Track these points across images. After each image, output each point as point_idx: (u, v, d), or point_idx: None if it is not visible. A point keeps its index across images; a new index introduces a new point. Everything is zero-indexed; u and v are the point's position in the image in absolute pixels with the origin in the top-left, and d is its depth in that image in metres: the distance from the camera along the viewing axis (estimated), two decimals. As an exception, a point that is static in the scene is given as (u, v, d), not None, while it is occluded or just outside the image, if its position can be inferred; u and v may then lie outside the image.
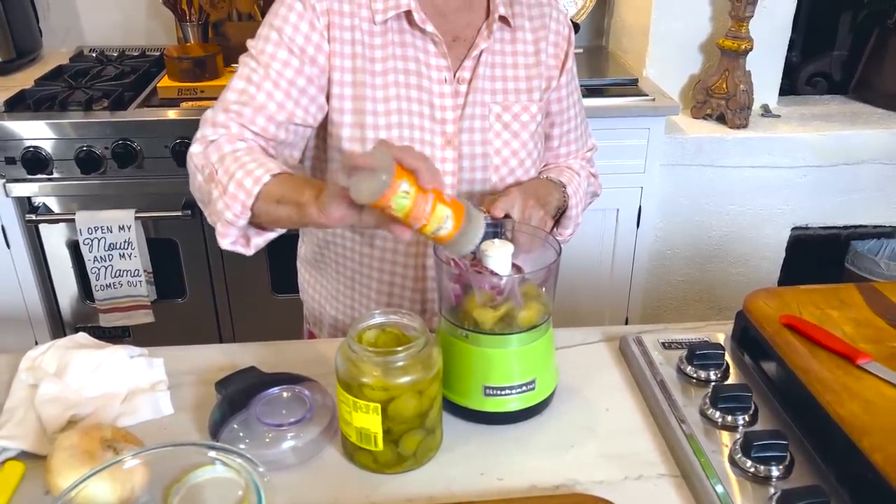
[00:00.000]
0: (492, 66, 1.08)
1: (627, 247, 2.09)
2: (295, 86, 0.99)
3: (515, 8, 1.09)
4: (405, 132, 1.03)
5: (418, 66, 1.04)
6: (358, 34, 1.02)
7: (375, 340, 0.81)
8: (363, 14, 1.02)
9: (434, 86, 1.04)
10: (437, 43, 1.03)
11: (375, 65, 1.02)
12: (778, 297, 0.94)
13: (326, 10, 1.00)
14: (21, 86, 1.97)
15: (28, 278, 1.99)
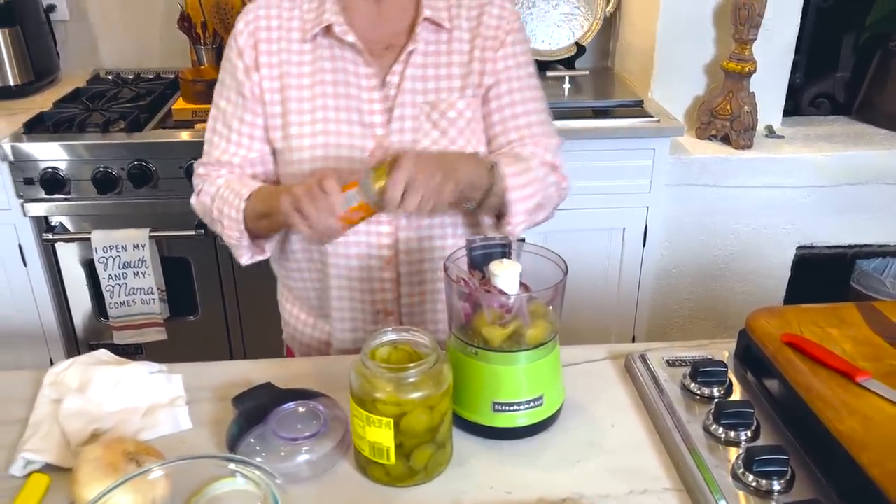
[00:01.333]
0: (423, 66, 1.11)
1: (634, 265, 2.11)
2: (245, 123, 1.13)
3: (453, 10, 1.12)
4: (331, 139, 1.09)
5: (346, 76, 1.10)
6: (285, 55, 1.11)
7: (388, 357, 0.84)
8: (294, 36, 1.11)
9: (363, 93, 1.09)
10: (361, 52, 1.09)
11: (303, 79, 1.11)
12: (779, 316, 0.96)
13: (254, 42, 1.11)
14: (40, 108, 2.02)
15: (44, 296, 2.03)
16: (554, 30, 2.38)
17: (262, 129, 1.14)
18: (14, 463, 0.82)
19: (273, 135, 1.13)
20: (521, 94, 1.14)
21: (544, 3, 2.36)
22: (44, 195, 1.89)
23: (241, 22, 1.12)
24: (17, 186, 1.88)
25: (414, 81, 1.10)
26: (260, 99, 1.12)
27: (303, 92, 1.10)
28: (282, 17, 1.12)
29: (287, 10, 1.12)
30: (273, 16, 1.12)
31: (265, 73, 1.11)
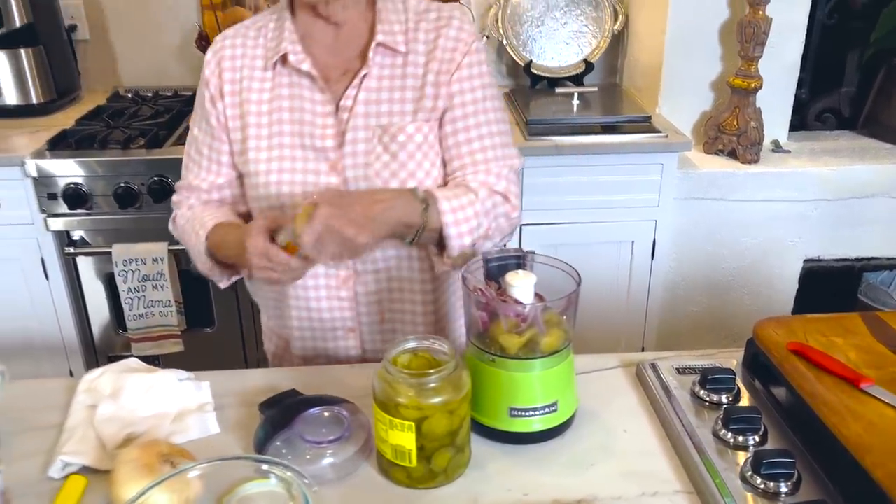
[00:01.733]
0: (377, 90, 1.12)
1: (643, 278, 2.15)
2: (213, 150, 1.18)
3: (410, 33, 1.13)
4: (286, 164, 1.13)
5: (302, 102, 1.13)
6: (247, 82, 1.15)
7: (409, 364, 0.87)
8: (257, 64, 1.15)
9: (317, 118, 1.12)
10: (316, 80, 1.12)
11: (262, 106, 1.14)
12: (785, 326, 0.99)
13: (219, 72, 1.15)
14: (62, 125, 2.08)
15: (64, 309, 2.08)
16: (563, 47, 2.43)
17: (228, 154, 1.18)
18: (53, 465, 0.86)
19: (237, 160, 1.17)
20: (476, 119, 1.13)
21: (553, 21, 2.41)
22: (66, 210, 1.94)
23: (210, 52, 1.17)
24: (40, 202, 1.93)
25: (367, 105, 1.12)
26: (225, 126, 1.16)
27: (261, 118, 1.14)
28: (246, 47, 1.16)
29: (252, 38, 1.16)
30: (238, 45, 1.16)
31: (228, 101, 1.15)
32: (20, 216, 1.95)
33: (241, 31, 1.17)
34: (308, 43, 1.13)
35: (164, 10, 2.39)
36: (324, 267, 1.15)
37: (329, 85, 1.13)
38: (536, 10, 2.40)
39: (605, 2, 2.39)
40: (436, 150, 1.14)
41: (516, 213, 1.16)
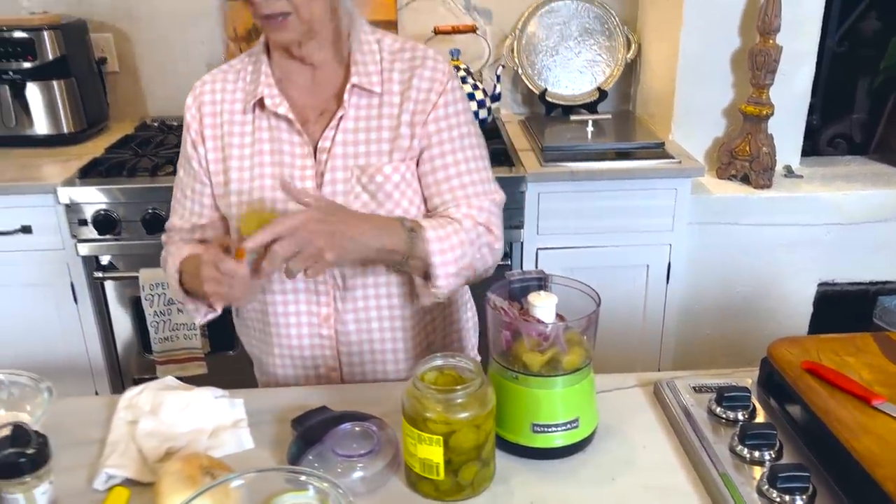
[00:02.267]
0: (354, 131, 1.14)
1: (658, 301, 2.18)
2: (196, 193, 1.21)
3: (385, 74, 1.15)
4: (266, 205, 1.15)
5: (281, 144, 1.15)
6: (227, 126, 1.17)
7: (435, 380, 0.91)
8: (237, 107, 1.17)
9: (296, 160, 1.14)
10: (293, 122, 1.14)
11: (244, 149, 1.16)
12: (799, 345, 1.03)
13: (199, 116, 1.18)
14: (91, 154, 2.15)
15: (92, 332, 2.13)
16: (577, 76, 2.49)
17: (210, 197, 1.21)
18: (97, 478, 0.90)
19: (219, 202, 1.20)
20: (454, 157, 1.15)
21: (567, 50, 2.47)
22: (95, 235, 2.00)
23: (190, 97, 1.20)
24: (71, 227, 2.00)
25: (345, 146, 1.13)
26: (206, 170, 1.19)
27: (243, 161, 1.16)
28: (225, 91, 1.18)
29: (231, 82, 1.19)
30: (217, 89, 1.18)
31: (209, 145, 1.18)
32: (51, 242, 2.02)
33: (219, 76, 1.20)
34: (285, 85, 1.16)
35: (190, 43, 2.48)
36: (305, 304, 1.19)
37: (307, 127, 1.15)
38: (551, 40, 2.47)
39: (617, 31, 2.45)
40: (413, 189, 1.16)
41: (499, 245, 1.18)
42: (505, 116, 2.55)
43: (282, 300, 1.20)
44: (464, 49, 2.40)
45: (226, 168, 1.17)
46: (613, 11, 2.44)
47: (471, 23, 2.43)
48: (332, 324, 1.20)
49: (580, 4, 2.45)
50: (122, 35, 2.47)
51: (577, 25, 2.46)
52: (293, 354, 1.23)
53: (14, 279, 2.05)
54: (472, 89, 2.30)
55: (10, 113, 2.19)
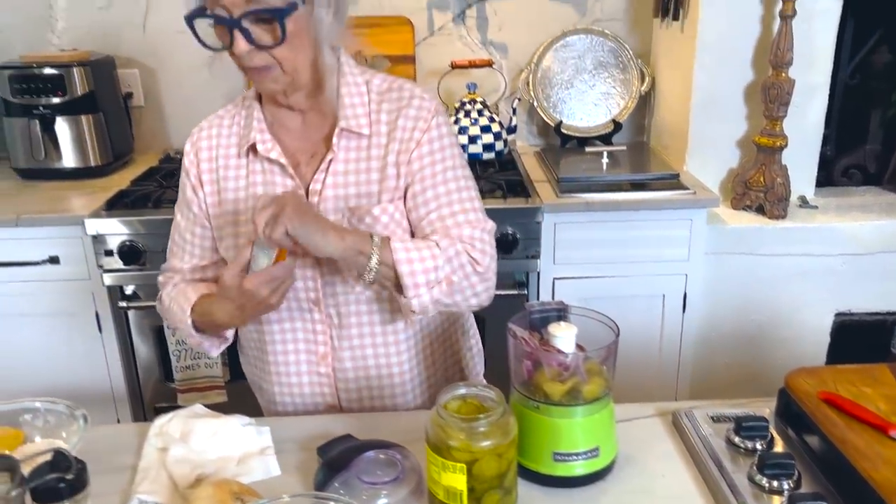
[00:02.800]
0: (344, 173, 1.16)
1: (674, 331, 2.19)
2: (195, 236, 1.25)
3: (373, 115, 1.17)
4: None
5: (273, 188, 1.18)
6: (223, 171, 1.21)
7: (458, 409, 0.93)
8: (231, 152, 1.21)
9: None
10: (284, 166, 1.17)
11: (239, 193, 1.20)
12: (816, 376, 1.04)
13: (197, 161, 1.22)
14: (117, 186, 2.20)
15: (115, 360, 2.17)
16: (591, 108, 2.53)
17: (210, 239, 1.24)
18: (129, 503, 0.93)
19: (219, 245, 1.23)
20: (435, 191, 1.16)
21: (582, 83, 2.52)
22: (121, 266, 2.05)
23: (188, 143, 1.24)
24: (97, 258, 2.04)
25: (336, 189, 1.16)
26: (206, 214, 1.22)
27: (238, 205, 1.19)
28: (221, 136, 1.21)
29: (226, 128, 1.22)
30: (213, 135, 1.22)
31: (207, 189, 1.21)
32: (78, 272, 2.06)
33: (214, 122, 1.24)
34: (276, 129, 1.19)
35: (212, 78, 2.54)
36: (304, 343, 1.22)
37: (298, 169, 1.18)
38: (566, 73, 2.51)
39: (631, 64, 2.49)
40: (403, 228, 1.18)
41: (484, 267, 1.15)
42: (521, 148, 2.59)
43: (280, 339, 1.23)
44: (480, 83, 2.45)
45: (222, 212, 1.21)
46: (627, 45, 2.48)
47: (487, 57, 2.48)
48: (329, 362, 1.23)
49: (594, 39, 2.50)
50: (147, 71, 2.54)
51: (591, 59, 2.51)
52: (293, 392, 1.26)
53: (40, 308, 2.10)
54: (489, 122, 2.35)
55: (39, 147, 2.25)
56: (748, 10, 2.11)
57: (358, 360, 1.22)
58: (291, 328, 1.22)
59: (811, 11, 2.07)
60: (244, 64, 1.07)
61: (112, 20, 2.48)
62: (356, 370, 1.23)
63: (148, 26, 2.49)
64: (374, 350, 1.22)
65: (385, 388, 1.25)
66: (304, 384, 1.25)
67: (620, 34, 2.50)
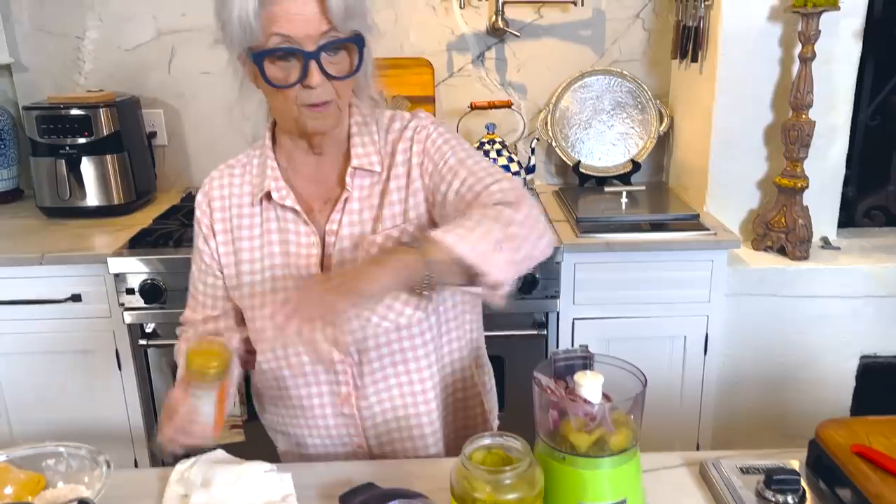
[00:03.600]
0: (359, 211, 1.16)
1: (696, 374, 2.16)
2: (208, 286, 1.24)
3: (384, 151, 1.17)
4: (279, 297, 1.17)
5: (287, 235, 1.17)
6: (236, 220, 1.20)
7: (483, 460, 0.92)
8: (245, 201, 1.20)
9: (301, 249, 1.17)
10: (299, 213, 1.16)
11: (254, 241, 1.19)
12: (847, 427, 1.02)
13: (209, 212, 1.22)
14: (140, 224, 2.23)
15: (134, 399, 2.16)
16: (610, 148, 2.53)
17: (223, 289, 1.24)
18: (151, 552, 0.92)
19: (232, 294, 1.23)
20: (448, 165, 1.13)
21: (600, 123, 2.53)
22: (142, 304, 2.06)
23: (200, 193, 1.24)
24: (118, 296, 2.05)
25: (352, 227, 1.16)
26: (218, 263, 1.22)
27: (254, 253, 1.19)
28: (233, 185, 1.22)
29: (238, 177, 1.22)
30: (225, 185, 1.22)
31: (220, 238, 1.21)
32: (99, 310, 2.08)
33: (226, 172, 1.24)
34: (290, 175, 1.19)
35: (235, 118, 2.56)
36: (326, 385, 1.21)
37: (312, 215, 1.18)
38: (584, 113, 2.53)
39: (650, 105, 2.50)
40: None
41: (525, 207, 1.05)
42: (539, 187, 2.60)
43: (304, 382, 1.22)
44: (499, 123, 2.47)
45: (237, 260, 1.20)
46: (646, 86, 2.50)
47: (506, 98, 2.50)
48: (352, 402, 1.22)
49: (613, 79, 2.51)
50: (171, 110, 2.58)
51: (609, 99, 2.52)
52: (321, 433, 1.25)
53: (61, 346, 2.10)
54: (508, 161, 2.36)
55: (65, 186, 2.29)
56: (767, 53, 2.12)
57: (383, 397, 1.21)
58: (313, 370, 1.21)
59: (830, 54, 2.08)
60: (308, 100, 1.06)
61: (138, 62, 2.53)
62: (382, 406, 1.22)
63: (173, 68, 2.54)
64: (399, 390, 1.21)
65: (413, 428, 1.23)
66: (330, 426, 1.24)
67: (639, 75, 2.52)
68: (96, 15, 2.49)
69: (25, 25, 2.50)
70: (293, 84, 1.05)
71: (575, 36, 2.52)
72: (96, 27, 2.50)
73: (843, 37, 2.08)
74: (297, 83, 1.04)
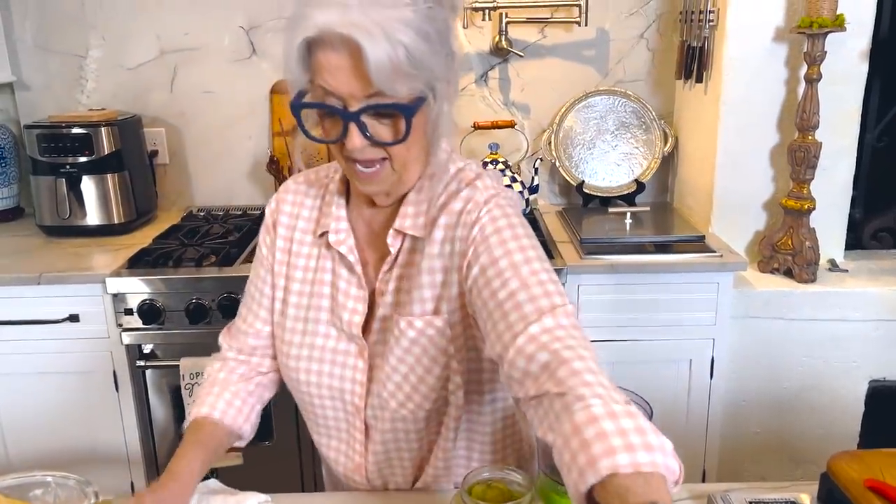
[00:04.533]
0: (398, 278, 1.07)
1: (702, 397, 2.12)
2: (265, 296, 1.17)
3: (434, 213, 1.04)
4: (318, 341, 1.12)
5: (339, 280, 1.10)
6: (296, 247, 1.14)
7: (483, 495, 0.89)
8: (309, 227, 1.14)
9: (349, 301, 1.09)
10: (352, 265, 1.09)
11: (307, 274, 1.13)
12: (860, 460, 0.99)
13: (273, 224, 1.16)
14: (140, 244, 2.21)
15: (131, 420, 2.14)
16: (614, 168, 2.51)
17: (271, 304, 1.17)
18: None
19: (275, 319, 1.17)
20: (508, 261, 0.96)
21: (604, 143, 2.51)
22: (140, 325, 2.03)
23: (273, 201, 1.17)
24: (117, 317, 2.03)
25: (399, 294, 1.07)
26: (273, 283, 1.16)
27: (304, 287, 1.13)
28: (304, 206, 1.15)
29: (311, 198, 1.15)
30: (298, 202, 1.15)
31: (279, 257, 1.16)
32: (97, 330, 2.05)
33: (301, 190, 1.17)
34: (354, 217, 1.12)
35: (237, 138, 2.57)
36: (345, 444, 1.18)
37: (366, 268, 1.11)
38: (588, 133, 2.51)
39: (654, 125, 2.49)
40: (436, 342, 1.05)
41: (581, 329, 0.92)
42: (543, 207, 2.57)
43: (325, 432, 1.20)
44: (502, 143, 2.46)
45: (286, 286, 1.15)
46: (650, 106, 2.48)
47: (509, 118, 2.49)
48: (363, 473, 1.18)
49: (617, 99, 2.50)
50: (173, 129, 2.57)
51: (613, 119, 2.51)
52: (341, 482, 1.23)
53: (58, 367, 2.08)
54: (511, 181, 2.34)
55: (65, 205, 2.27)
56: (773, 74, 2.10)
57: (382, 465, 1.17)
58: (335, 427, 1.17)
59: (836, 74, 2.06)
60: (352, 156, 0.97)
61: (141, 81, 2.53)
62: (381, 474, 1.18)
63: (175, 86, 2.54)
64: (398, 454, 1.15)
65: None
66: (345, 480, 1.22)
67: (643, 95, 2.50)
68: (99, 34, 2.49)
69: (28, 44, 2.50)
70: (333, 141, 0.97)
71: (579, 56, 2.51)
72: (99, 46, 2.50)
73: (849, 58, 2.07)
74: (335, 142, 0.97)
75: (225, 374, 1.21)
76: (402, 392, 1.07)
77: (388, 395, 1.08)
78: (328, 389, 1.13)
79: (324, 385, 1.12)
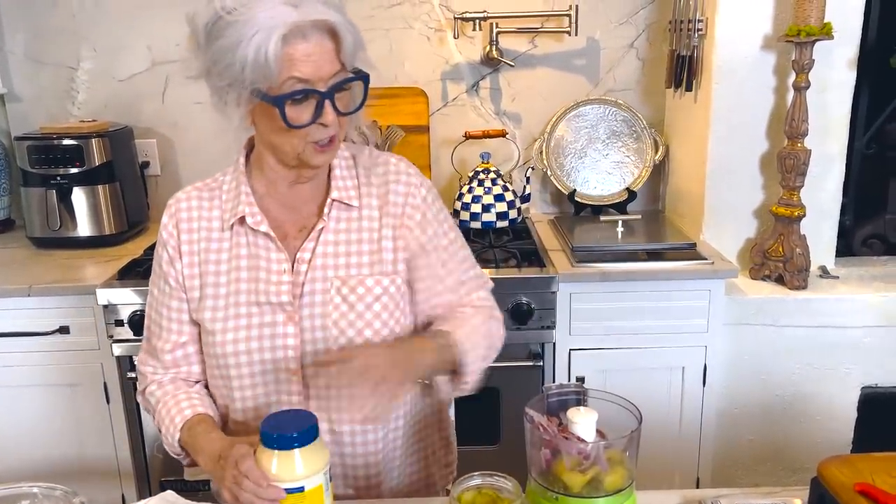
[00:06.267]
0: (334, 243, 1.18)
1: (695, 405, 2.12)
2: (172, 310, 1.22)
3: (363, 188, 1.20)
4: (242, 321, 1.17)
5: (257, 260, 1.17)
6: (205, 243, 1.19)
7: (473, 501, 0.89)
8: (214, 225, 1.20)
9: (272, 275, 1.16)
10: (273, 239, 1.17)
11: (221, 266, 1.18)
12: (850, 465, 0.99)
13: (176, 233, 1.20)
14: (131, 255, 2.20)
15: (121, 432, 2.12)
16: (605, 176, 2.52)
17: (187, 312, 1.22)
18: None
19: (195, 316, 1.21)
20: (438, 255, 1.22)
21: (595, 152, 2.52)
22: (131, 336, 2.02)
23: (166, 215, 1.23)
24: (107, 328, 2.02)
25: (325, 258, 1.17)
26: (182, 285, 1.20)
27: (220, 278, 1.18)
28: (202, 209, 1.21)
29: (207, 200, 1.22)
30: (194, 207, 1.21)
31: (185, 261, 1.20)
32: (87, 342, 2.04)
33: (194, 194, 1.23)
34: (266, 201, 1.19)
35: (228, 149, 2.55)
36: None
37: (286, 242, 1.18)
38: (579, 142, 2.52)
39: (645, 134, 2.50)
40: (395, 302, 1.19)
41: (499, 319, 1.27)
42: (534, 216, 2.58)
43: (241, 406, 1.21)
44: (494, 152, 2.46)
45: (202, 283, 1.19)
46: (640, 115, 2.49)
47: (501, 127, 2.49)
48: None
49: (608, 108, 2.51)
50: (165, 140, 2.57)
51: (604, 128, 2.51)
52: None
53: (49, 379, 2.07)
54: (503, 190, 2.34)
55: (55, 216, 2.27)
56: (761, 82, 2.11)
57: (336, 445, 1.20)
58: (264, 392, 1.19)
59: (825, 82, 2.07)
60: (318, 137, 1.08)
61: (132, 92, 2.53)
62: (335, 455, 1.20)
63: (167, 97, 2.54)
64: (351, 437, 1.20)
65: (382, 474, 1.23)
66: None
67: (633, 104, 2.51)
68: (90, 45, 2.49)
69: (19, 55, 2.50)
70: (308, 124, 1.06)
71: (569, 65, 2.52)
72: (90, 57, 2.50)
73: (837, 65, 2.08)
74: (311, 123, 1.06)
75: (171, 387, 1.23)
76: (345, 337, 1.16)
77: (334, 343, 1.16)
78: (260, 364, 1.17)
79: (255, 362, 1.16)
